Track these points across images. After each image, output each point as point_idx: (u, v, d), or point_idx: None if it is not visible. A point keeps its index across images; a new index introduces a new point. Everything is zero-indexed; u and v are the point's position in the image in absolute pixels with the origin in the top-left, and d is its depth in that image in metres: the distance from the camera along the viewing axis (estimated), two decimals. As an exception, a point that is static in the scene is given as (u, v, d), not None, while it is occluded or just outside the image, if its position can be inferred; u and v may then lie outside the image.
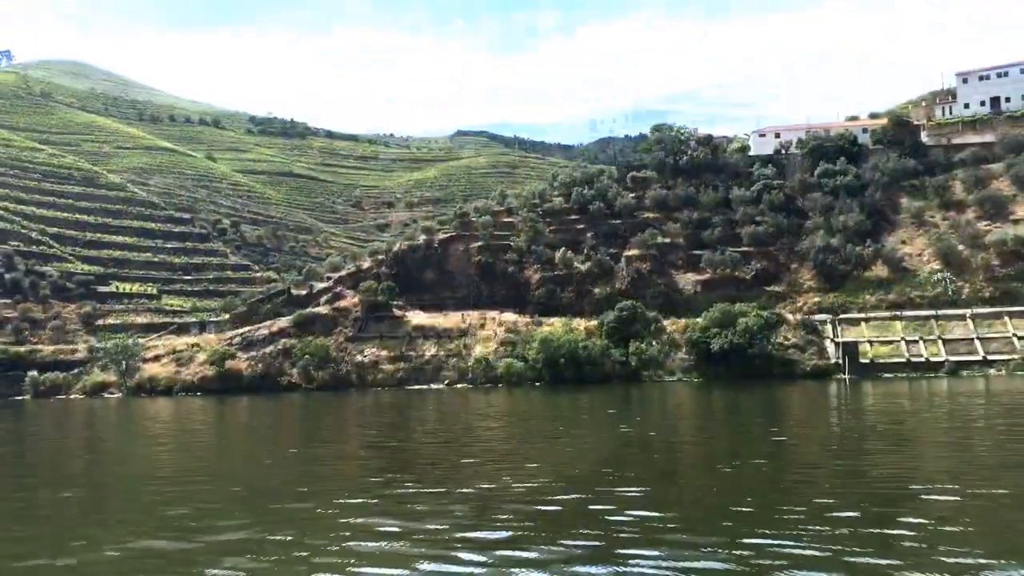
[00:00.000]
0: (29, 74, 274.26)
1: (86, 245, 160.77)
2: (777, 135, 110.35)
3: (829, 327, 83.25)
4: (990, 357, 75.56)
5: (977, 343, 77.32)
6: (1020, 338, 76.31)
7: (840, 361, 78.50)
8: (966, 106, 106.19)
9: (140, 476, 29.25)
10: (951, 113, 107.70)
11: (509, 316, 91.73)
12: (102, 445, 44.09)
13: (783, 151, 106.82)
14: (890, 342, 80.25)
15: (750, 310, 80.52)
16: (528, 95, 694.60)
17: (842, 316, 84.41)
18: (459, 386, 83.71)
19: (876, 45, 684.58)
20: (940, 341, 78.43)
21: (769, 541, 15.17)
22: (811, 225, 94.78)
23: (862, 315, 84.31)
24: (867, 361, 78.26)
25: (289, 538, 17.07)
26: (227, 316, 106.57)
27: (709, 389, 69.56)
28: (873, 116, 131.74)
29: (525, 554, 15.01)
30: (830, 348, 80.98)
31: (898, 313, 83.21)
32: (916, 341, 79.02)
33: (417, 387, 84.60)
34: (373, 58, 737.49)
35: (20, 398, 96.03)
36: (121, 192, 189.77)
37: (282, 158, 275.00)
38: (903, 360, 77.56)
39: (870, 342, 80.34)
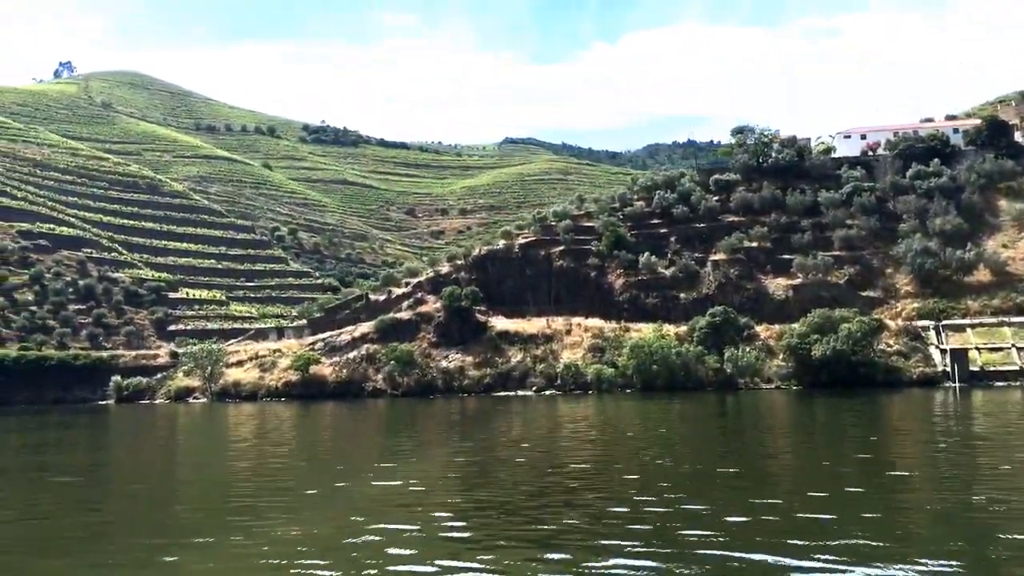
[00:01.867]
0: (90, 85, 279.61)
1: (153, 252, 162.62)
2: (863, 136, 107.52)
3: (932, 333, 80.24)
4: (1109, 365, 72.16)
5: (1095, 350, 73.88)
6: None
7: (948, 368, 75.52)
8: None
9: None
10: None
11: (595, 321, 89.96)
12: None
13: (870, 152, 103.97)
14: (999, 349, 76.97)
15: (852, 315, 77.80)
16: (569, 101, 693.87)
17: (946, 322, 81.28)
18: (547, 392, 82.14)
19: (876, 45, 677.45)
20: (1055, 348, 75.05)
21: None
22: (906, 228, 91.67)
23: (967, 321, 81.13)
24: (976, 369, 75.14)
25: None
26: (304, 322, 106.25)
27: (812, 397, 67.09)
28: (949, 118, 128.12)
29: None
30: (935, 355, 77.97)
31: (1006, 319, 79.88)
32: (1028, 348, 75.72)
33: (504, 393, 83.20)
34: (416, 66, 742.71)
35: (103, 403, 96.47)
36: (184, 200, 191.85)
37: (336, 166, 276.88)
38: (1016, 368, 74.31)
39: (978, 349, 77.18)
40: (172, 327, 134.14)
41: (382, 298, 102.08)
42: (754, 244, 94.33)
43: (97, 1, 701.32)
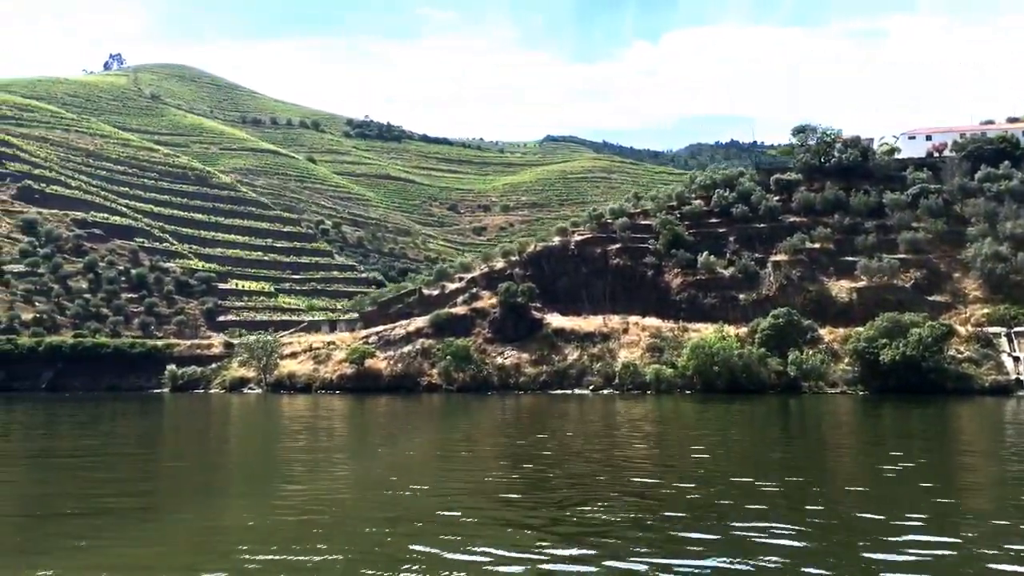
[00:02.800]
0: (139, 77, 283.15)
1: (201, 243, 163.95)
2: (928, 137, 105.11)
3: (1004, 340, 77.88)
4: None
5: None
6: None
7: (1021, 377, 73.24)
8: None
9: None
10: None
11: (652, 321, 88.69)
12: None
13: (936, 154, 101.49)
14: (1075, 358, 74.50)
15: (922, 320, 75.74)
16: (609, 100, 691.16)
17: (1018, 329, 78.82)
18: (605, 392, 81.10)
19: (920, 47, 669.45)
20: None
21: None
22: (975, 232, 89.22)
23: (1041, 328, 78.62)
24: (1052, 377, 72.75)
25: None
26: (356, 315, 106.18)
27: (882, 403, 65.28)
28: (1012, 120, 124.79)
29: None
30: (1008, 363, 75.65)
31: (1081, 327, 77.28)
32: (1107, 357, 73.18)
33: (560, 391, 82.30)
34: (457, 63, 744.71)
35: (158, 391, 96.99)
36: (232, 192, 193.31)
37: (379, 161, 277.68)
38: (1093, 377, 71.86)
39: (1053, 357, 74.72)
40: (221, 317, 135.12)
41: (435, 293, 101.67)
42: (816, 245, 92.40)
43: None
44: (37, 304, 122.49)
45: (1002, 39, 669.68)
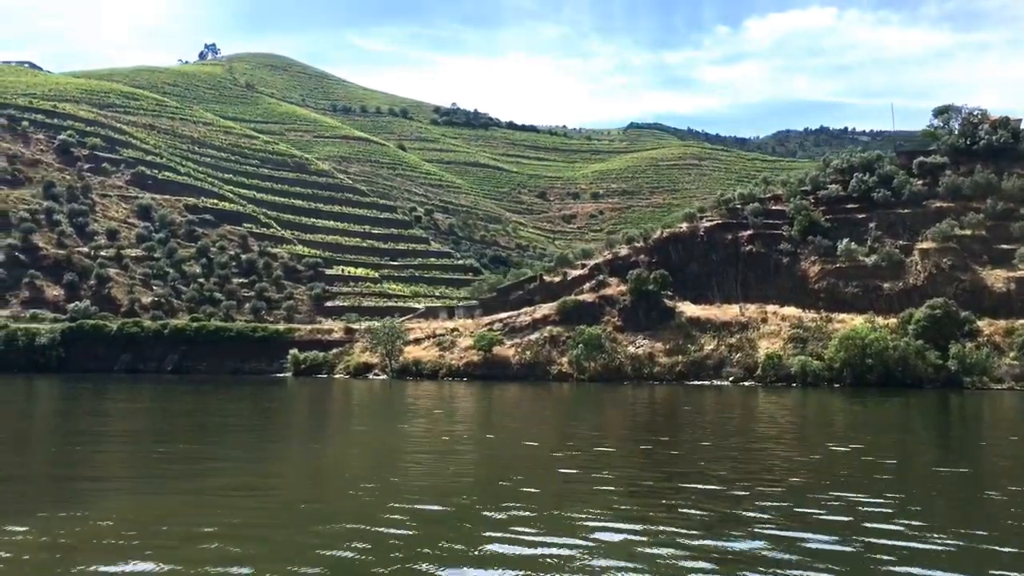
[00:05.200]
0: (234, 66, 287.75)
1: (303, 229, 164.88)
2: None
3: None
4: None
5: None
6: None
7: None
8: None
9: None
10: None
11: (792, 310, 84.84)
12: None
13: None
14: None
15: (1099, 312, 70.46)
16: (691, 86, 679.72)
17: None
18: (745, 383, 77.73)
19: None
20: None
21: None
22: None
23: None
24: None
25: None
26: (476, 301, 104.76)
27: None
28: None
29: None
30: None
31: None
32: None
33: (697, 382, 79.24)
34: (537, 51, 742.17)
35: (281, 375, 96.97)
36: (330, 179, 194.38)
37: (467, 148, 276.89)
38: None
39: None
40: (329, 303, 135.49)
41: (556, 279, 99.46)
42: (967, 232, 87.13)
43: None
44: (155, 288, 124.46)
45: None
